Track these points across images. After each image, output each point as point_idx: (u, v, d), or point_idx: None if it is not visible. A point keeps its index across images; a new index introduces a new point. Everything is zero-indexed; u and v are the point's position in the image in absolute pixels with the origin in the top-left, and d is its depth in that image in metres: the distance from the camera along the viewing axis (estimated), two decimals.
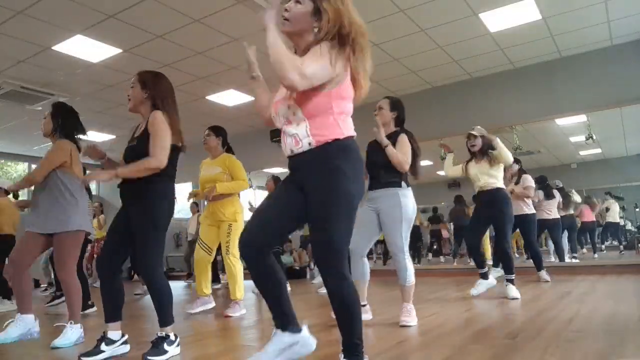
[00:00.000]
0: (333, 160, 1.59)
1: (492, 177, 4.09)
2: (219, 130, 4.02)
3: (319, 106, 1.61)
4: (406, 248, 2.89)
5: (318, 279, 6.05)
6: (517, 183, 5.31)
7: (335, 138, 1.61)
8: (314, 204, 1.61)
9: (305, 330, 1.77)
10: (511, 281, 3.93)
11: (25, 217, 3.89)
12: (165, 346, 2.23)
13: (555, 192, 6.34)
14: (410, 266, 2.89)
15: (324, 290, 4.71)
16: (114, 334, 2.34)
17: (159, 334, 2.27)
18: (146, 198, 2.32)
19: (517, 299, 3.75)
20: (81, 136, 3.08)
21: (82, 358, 2.22)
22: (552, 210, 6.19)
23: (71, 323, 2.76)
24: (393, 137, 3.02)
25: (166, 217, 2.38)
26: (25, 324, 2.85)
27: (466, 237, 4.41)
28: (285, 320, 1.75)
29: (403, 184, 2.96)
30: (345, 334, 1.62)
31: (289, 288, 1.82)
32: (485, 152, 4.12)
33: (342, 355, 1.61)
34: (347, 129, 1.65)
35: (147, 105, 2.43)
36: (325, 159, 1.60)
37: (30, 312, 2.91)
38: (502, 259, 4.13)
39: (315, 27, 1.61)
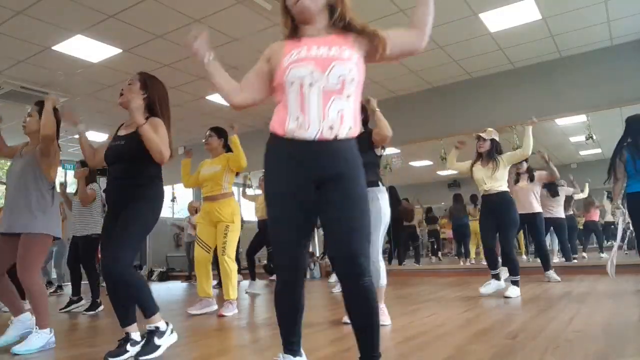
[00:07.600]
0: (358, 156, 1.47)
1: (498, 181, 4.08)
2: (220, 131, 4.03)
3: (360, 86, 1.44)
4: (381, 249, 2.80)
5: (334, 277, 5.90)
6: (531, 180, 5.33)
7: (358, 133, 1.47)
8: (346, 195, 1.41)
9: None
10: (515, 282, 3.96)
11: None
12: (156, 340, 2.20)
13: (561, 190, 6.32)
14: (383, 267, 2.81)
15: (338, 290, 4.66)
16: (135, 335, 2.30)
17: (147, 328, 2.23)
18: (141, 199, 2.27)
19: (511, 297, 3.80)
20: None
21: (108, 358, 2.18)
22: (556, 209, 6.19)
23: (36, 329, 2.59)
24: None
25: (154, 219, 2.33)
26: (23, 325, 2.75)
27: (482, 238, 4.42)
28: (298, 345, 1.65)
29: (380, 183, 2.82)
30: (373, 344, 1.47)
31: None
32: (493, 155, 4.10)
33: None
34: None
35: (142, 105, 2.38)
36: (355, 150, 1.46)
37: (23, 311, 2.79)
38: (507, 262, 4.11)
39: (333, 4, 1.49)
